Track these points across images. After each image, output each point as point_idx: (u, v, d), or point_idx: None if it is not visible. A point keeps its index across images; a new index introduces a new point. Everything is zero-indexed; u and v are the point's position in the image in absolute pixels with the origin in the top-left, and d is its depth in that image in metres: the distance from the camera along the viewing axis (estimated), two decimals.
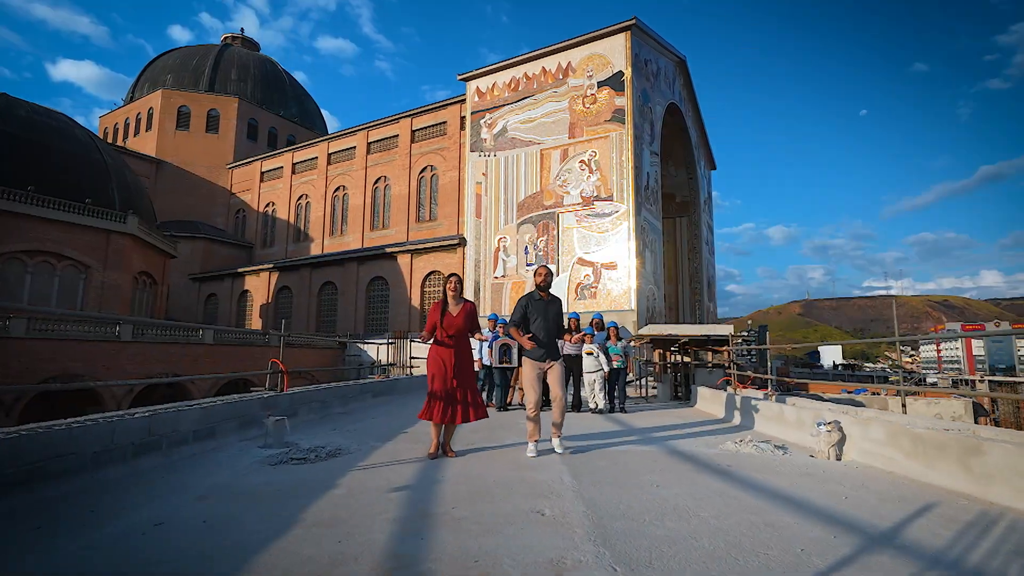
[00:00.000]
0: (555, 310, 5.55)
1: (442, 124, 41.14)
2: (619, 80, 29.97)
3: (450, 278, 5.30)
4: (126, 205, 33.40)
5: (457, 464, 4.57)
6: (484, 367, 10.09)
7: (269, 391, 7.08)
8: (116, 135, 60.74)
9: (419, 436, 6.03)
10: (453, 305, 5.26)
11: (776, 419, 6.65)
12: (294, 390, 7.54)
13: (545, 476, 4.15)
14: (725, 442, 5.87)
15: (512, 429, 7.01)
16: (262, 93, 61.68)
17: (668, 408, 10.19)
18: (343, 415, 8.10)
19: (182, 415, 4.74)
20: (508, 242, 32.10)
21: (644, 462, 4.81)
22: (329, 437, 5.96)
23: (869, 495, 3.72)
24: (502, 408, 9.54)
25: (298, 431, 6.30)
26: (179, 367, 28.60)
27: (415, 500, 3.45)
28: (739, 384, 10.12)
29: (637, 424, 7.81)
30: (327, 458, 4.75)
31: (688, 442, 6.08)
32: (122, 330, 26.75)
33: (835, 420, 5.30)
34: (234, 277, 49.19)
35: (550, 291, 5.65)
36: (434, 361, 5.14)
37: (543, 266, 5.64)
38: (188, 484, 3.80)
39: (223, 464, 4.47)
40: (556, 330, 5.53)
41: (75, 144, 33.46)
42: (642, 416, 8.93)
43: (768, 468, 4.62)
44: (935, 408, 22.04)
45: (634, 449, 5.55)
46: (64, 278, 30.58)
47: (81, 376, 25.37)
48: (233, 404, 5.60)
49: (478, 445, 5.65)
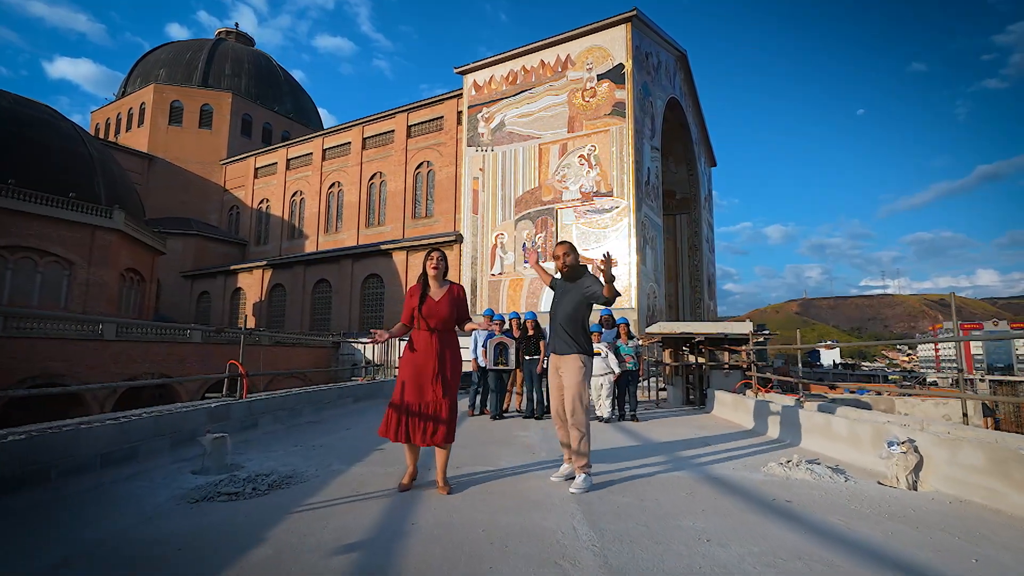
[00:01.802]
0: (571, 297, 4.45)
1: (439, 119, 40.18)
2: (619, 73, 29.04)
3: (431, 254, 4.17)
4: (113, 200, 32.31)
5: (436, 504, 3.49)
6: (479, 369, 9.05)
7: (226, 397, 6.05)
8: (108, 131, 59.62)
9: (395, 456, 4.95)
10: (436, 288, 4.17)
11: (822, 433, 5.60)
12: (258, 396, 6.50)
13: (553, 522, 3.08)
14: (768, 463, 4.81)
15: (509, 445, 5.94)
16: (256, 88, 60.59)
17: (683, 415, 9.12)
18: (313, 425, 7.00)
19: (83, 434, 3.69)
20: (506, 239, 31.15)
21: (678, 497, 3.74)
22: (286, 457, 4.89)
23: (1006, 556, 2.69)
24: (497, 416, 8.49)
25: (251, 448, 5.23)
26: (165, 367, 27.54)
27: (367, 571, 2.41)
28: (761, 388, 9.08)
29: (654, 437, 6.75)
30: (269, 490, 3.68)
31: (724, 463, 5.01)
32: (105, 329, 25.67)
33: (909, 439, 4.28)
34: (227, 275, 48.16)
35: (577, 271, 4.54)
36: (409, 361, 4.04)
37: (560, 243, 4.55)
38: (57, 536, 2.75)
39: (131, 500, 3.42)
40: (567, 320, 4.40)
41: (60, 137, 32.35)
42: (657, 426, 7.87)
43: (839, 506, 3.57)
44: (943, 409, 21.16)
45: (661, 476, 4.47)
46: (47, 275, 29.49)
47: (62, 376, 24.33)
48: (164, 417, 4.53)
49: (466, 470, 4.56)
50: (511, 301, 29.68)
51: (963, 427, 5.19)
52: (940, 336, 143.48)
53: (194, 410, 4.97)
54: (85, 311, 30.07)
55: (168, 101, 55.82)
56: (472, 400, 9.11)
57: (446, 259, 4.20)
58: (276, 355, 32.34)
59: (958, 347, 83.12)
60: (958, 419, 15.00)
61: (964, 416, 6.44)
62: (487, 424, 7.82)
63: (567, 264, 4.50)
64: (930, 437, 4.25)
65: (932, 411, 18.69)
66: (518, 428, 7.37)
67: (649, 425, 8.00)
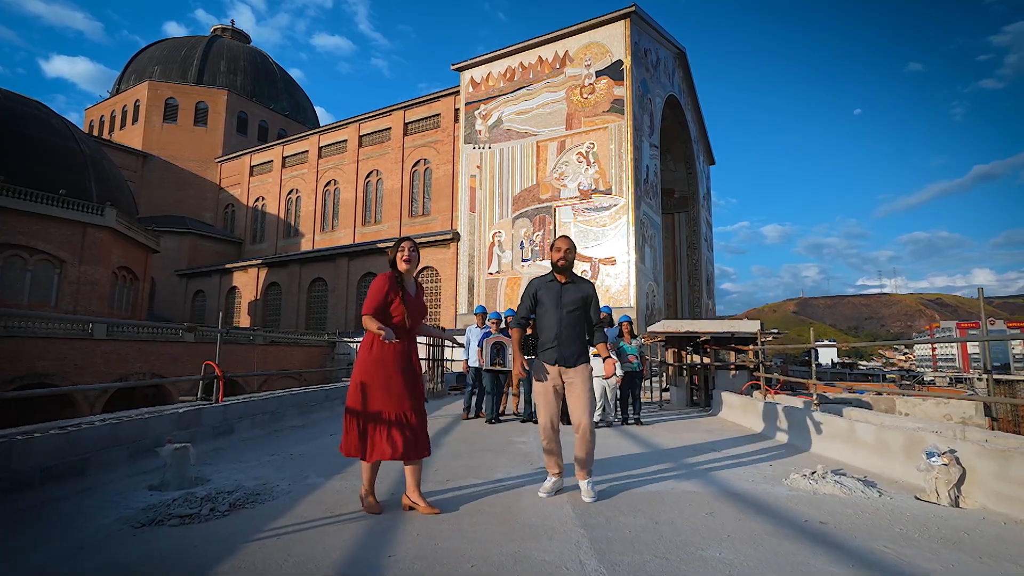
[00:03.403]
0: (575, 298, 4.04)
1: (436, 116, 39.70)
2: (618, 69, 28.62)
3: (402, 244, 3.62)
4: (104, 197, 31.79)
5: (419, 528, 3.03)
6: (471, 370, 8.61)
7: (202, 401, 5.60)
8: (102, 128, 59.00)
9: (380, 468, 4.51)
10: (408, 283, 3.64)
11: (844, 439, 5.15)
12: (234, 399, 6.04)
13: (555, 554, 2.62)
14: (789, 474, 4.37)
15: (505, 453, 5.48)
16: (252, 86, 60.01)
17: (689, 419, 8.67)
18: (296, 431, 6.52)
19: (18, 447, 3.22)
20: (503, 237, 30.71)
21: (697, 517, 3.28)
22: (258, 469, 4.42)
23: None
24: (493, 420, 8.02)
25: (222, 458, 4.76)
26: (158, 367, 27.06)
27: None
28: (769, 389, 8.65)
29: (662, 442, 6.30)
30: (230, 511, 3.21)
31: (741, 473, 4.57)
32: (95, 328, 25.20)
33: (950, 449, 3.85)
34: (222, 273, 47.63)
35: (572, 272, 4.17)
36: (377, 362, 3.43)
37: (562, 237, 4.15)
38: None
39: (70, 523, 2.96)
40: (577, 326, 4.02)
41: (50, 133, 31.81)
42: (662, 430, 7.42)
43: (882, 528, 3.13)
44: (944, 409, 20.86)
45: (674, 489, 4.02)
46: (37, 273, 28.95)
47: (51, 376, 23.86)
48: (122, 425, 4.07)
49: (458, 483, 4.11)
50: (508, 300, 29.26)
51: (1004, 435, 4.76)
52: (937, 335, 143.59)
53: (158, 416, 4.50)
54: (76, 310, 29.55)
55: (163, 98, 55.22)
56: (467, 402, 8.65)
57: (418, 248, 3.71)
58: (271, 355, 31.89)
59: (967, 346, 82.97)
60: (959, 419, 14.67)
61: (992, 420, 6.00)
62: (482, 428, 7.38)
63: (567, 260, 4.09)
64: (973, 447, 3.81)
65: (933, 411, 18.27)
66: (515, 433, 6.93)
67: (654, 429, 7.55)
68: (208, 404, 5.42)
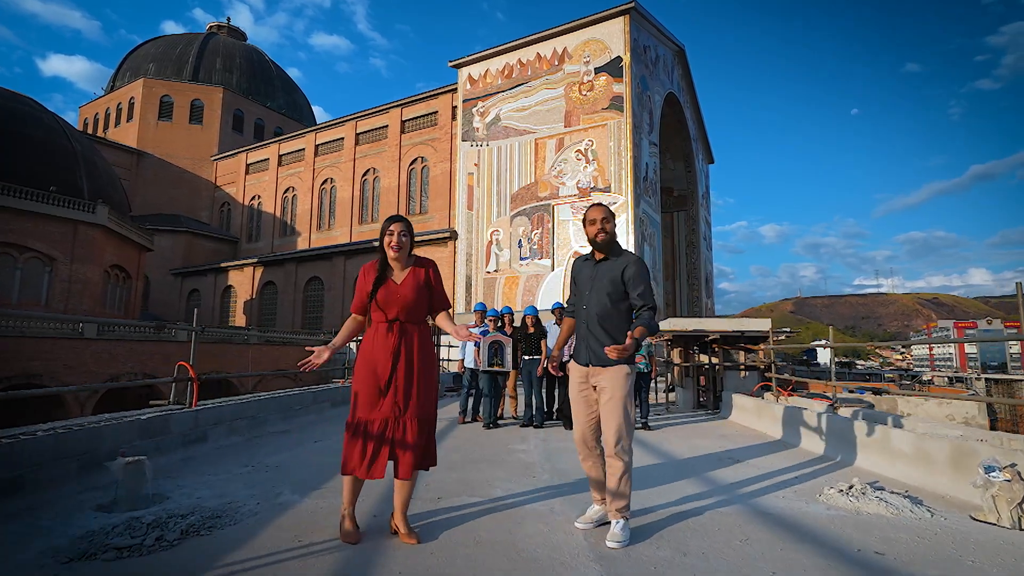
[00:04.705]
0: (610, 278, 3.23)
1: (433, 114, 39.21)
2: (617, 66, 28.22)
3: (392, 224, 3.06)
4: (96, 194, 31.27)
5: (400, 565, 2.53)
6: (467, 371, 8.10)
7: (175, 405, 5.11)
8: (96, 126, 58.47)
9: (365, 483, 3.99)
10: (398, 270, 3.10)
11: (878, 448, 4.67)
12: (213, 403, 5.55)
13: None
14: (823, 489, 3.88)
15: (503, 463, 4.98)
16: (248, 83, 59.47)
17: (698, 422, 8.19)
18: (278, 437, 6.01)
19: None
20: (501, 235, 30.26)
21: (730, 546, 2.79)
22: (225, 484, 3.92)
23: None
24: (491, 424, 7.50)
25: (187, 471, 4.26)
26: (150, 366, 26.57)
27: None
28: (782, 391, 8.18)
29: (674, 451, 5.80)
30: (180, 540, 2.71)
31: (770, 488, 4.10)
32: (86, 327, 24.69)
33: (1011, 463, 3.39)
34: (217, 272, 47.13)
35: (616, 246, 3.34)
36: (363, 364, 3.00)
37: (596, 206, 3.35)
38: None
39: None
40: (611, 315, 3.22)
41: (41, 129, 31.29)
42: (672, 436, 6.93)
43: (948, 559, 2.64)
44: (947, 409, 20.51)
45: (700, 512, 3.51)
46: (27, 271, 28.45)
47: (40, 376, 23.38)
48: (71, 434, 3.57)
49: (450, 502, 3.61)
50: (506, 299, 28.81)
51: (1015, 437, 4.30)
52: (935, 335, 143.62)
53: (116, 424, 3.99)
54: (68, 309, 29.04)
55: (158, 96, 54.72)
56: (463, 405, 8.14)
57: (411, 230, 3.13)
58: (266, 354, 31.37)
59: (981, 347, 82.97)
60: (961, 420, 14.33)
61: (991, 421, 5.54)
62: (479, 435, 6.87)
63: (608, 233, 3.28)
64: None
65: (935, 411, 17.91)
66: (515, 440, 6.42)
67: (664, 435, 7.05)
68: (181, 409, 4.92)
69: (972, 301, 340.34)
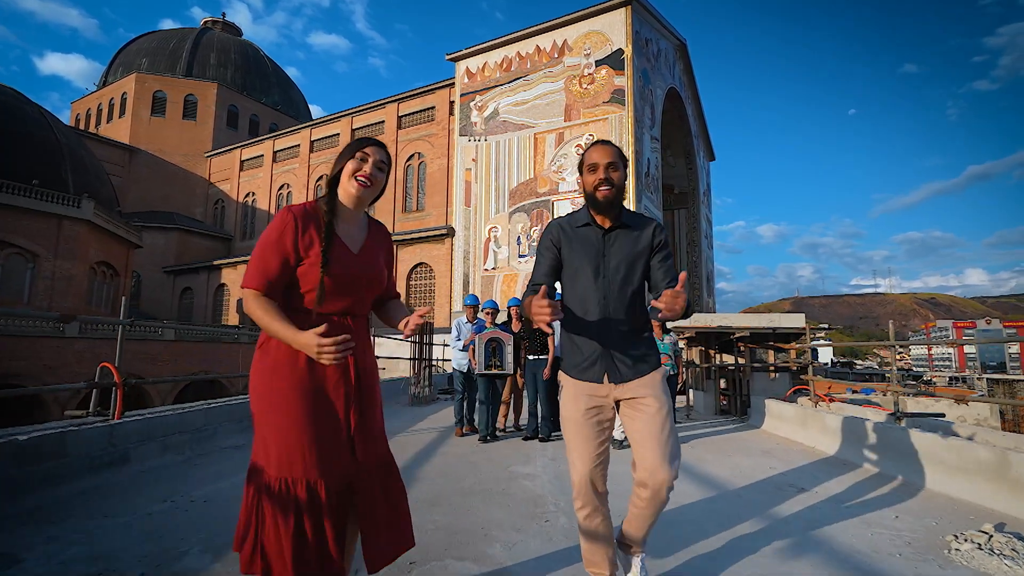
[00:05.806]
0: (631, 253, 2.21)
1: (430, 109, 38.35)
2: (619, 59, 27.46)
3: (369, 146, 1.92)
4: (82, 189, 30.40)
5: None
6: (458, 374, 7.08)
7: (94, 418, 4.24)
8: (88, 121, 57.51)
9: None
10: (353, 226, 1.92)
11: (988, 475, 3.76)
12: (141, 413, 4.66)
13: None
14: (942, 535, 3.08)
15: (503, 499, 3.99)
16: (243, 79, 58.54)
17: (727, 432, 7.29)
18: (229, 453, 5.08)
19: None
20: (499, 232, 29.48)
21: None
22: (115, 535, 2.87)
23: None
24: (487, 437, 6.49)
25: (76, 511, 3.31)
26: (134, 366, 25.71)
27: None
28: (823, 396, 7.31)
29: (717, 474, 4.81)
30: None
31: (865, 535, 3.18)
32: (68, 325, 23.87)
33: None
34: (210, 270, 46.25)
35: (624, 208, 2.28)
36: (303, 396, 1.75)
37: (599, 145, 2.22)
38: None
39: None
40: (637, 308, 2.24)
41: (24, 122, 30.44)
42: (703, 450, 5.99)
43: None
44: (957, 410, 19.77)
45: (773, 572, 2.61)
46: (8, 267, 27.58)
47: (19, 376, 22.58)
48: None
49: (426, 566, 2.62)
50: (505, 297, 28.02)
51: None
52: (934, 335, 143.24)
53: None
54: (51, 307, 28.17)
55: (151, 91, 53.79)
56: (458, 414, 7.06)
57: (390, 161, 1.99)
58: None
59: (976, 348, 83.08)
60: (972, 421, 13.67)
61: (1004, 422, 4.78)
62: (474, 451, 5.84)
63: (613, 185, 2.17)
64: None
65: (945, 412, 17.38)
66: (517, 460, 5.37)
67: (695, 451, 6.04)
68: (94, 423, 4.06)
69: (969, 301, 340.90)
